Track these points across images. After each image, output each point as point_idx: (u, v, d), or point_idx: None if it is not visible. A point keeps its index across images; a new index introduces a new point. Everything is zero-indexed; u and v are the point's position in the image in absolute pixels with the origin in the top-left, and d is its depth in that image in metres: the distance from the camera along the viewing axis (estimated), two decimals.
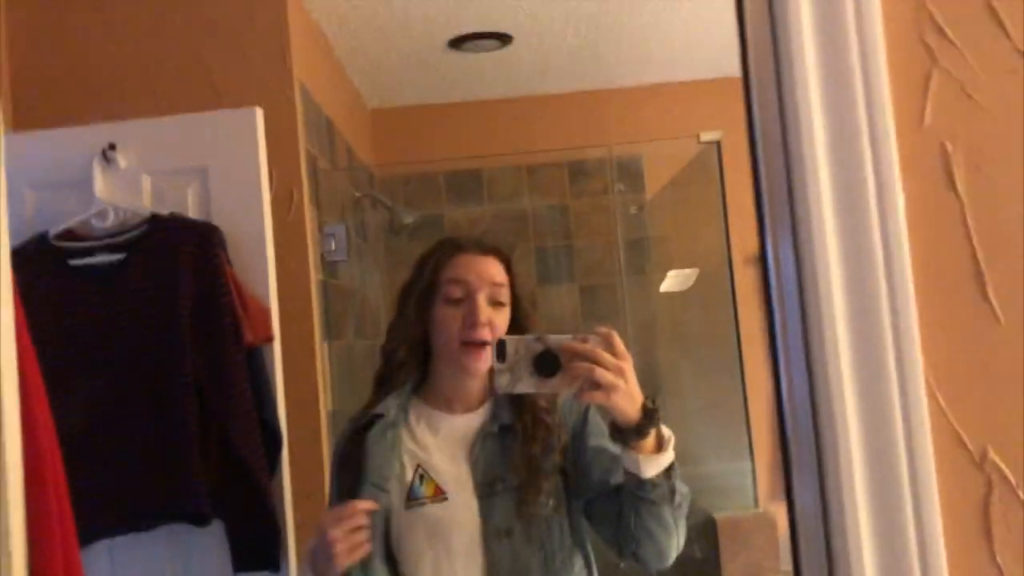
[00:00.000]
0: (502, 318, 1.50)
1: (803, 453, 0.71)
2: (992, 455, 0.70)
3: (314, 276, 2.29)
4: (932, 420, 0.68)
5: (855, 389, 0.68)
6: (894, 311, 0.67)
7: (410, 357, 1.53)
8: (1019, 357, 0.70)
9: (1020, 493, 0.69)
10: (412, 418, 1.53)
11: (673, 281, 3.20)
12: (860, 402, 0.68)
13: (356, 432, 1.52)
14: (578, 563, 1.52)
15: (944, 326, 0.69)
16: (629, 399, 1.29)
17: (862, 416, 0.68)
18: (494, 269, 1.52)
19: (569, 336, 1.30)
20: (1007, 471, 0.70)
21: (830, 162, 0.69)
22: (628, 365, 1.29)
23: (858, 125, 0.69)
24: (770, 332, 0.75)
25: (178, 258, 1.83)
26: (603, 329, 1.29)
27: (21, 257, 1.83)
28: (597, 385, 1.26)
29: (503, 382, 1.31)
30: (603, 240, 3.41)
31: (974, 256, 0.70)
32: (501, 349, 1.30)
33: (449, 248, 1.53)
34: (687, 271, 3.17)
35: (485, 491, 1.47)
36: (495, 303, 1.50)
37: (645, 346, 3.29)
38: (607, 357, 1.27)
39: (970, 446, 0.69)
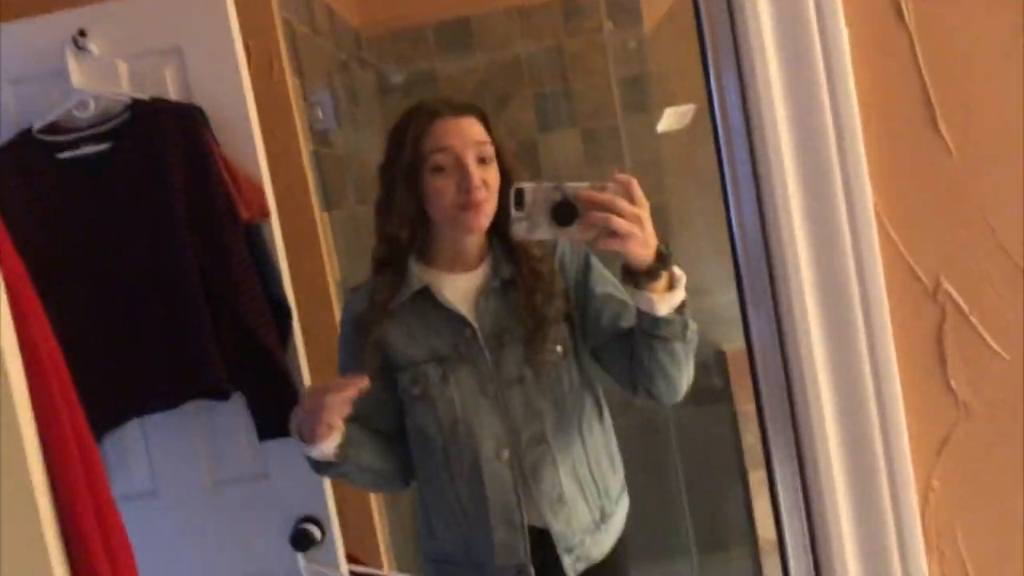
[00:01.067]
0: (492, 175, 1.52)
1: (757, 290, 0.72)
2: (945, 284, 0.70)
3: (305, 147, 2.27)
4: (884, 253, 0.68)
5: (806, 226, 0.68)
6: (842, 149, 0.66)
7: (409, 233, 1.55)
8: (970, 188, 0.69)
9: (973, 319, 0.70)
10: (419, 285, 1.57)
11: (671, 119, 3.15)
12: (812, 239, 0.68)
13: (371, 306, 1.57)
14: (588, 403, 1.60)
15: (894, 161, 0.68)
16: (644, 245, 1.31)
17: (814, 252, 0.69)
18: (475, 129, 1.51)
19: (587, 184, 1.30)
20: (959, 299, 0.71)
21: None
22: (645, 212, 1.30)
23: None
24: (720, 173, 0.74)
25: (164, 142, 1.81)
26: (622, 176, 1.30)
27: (9, 154, 1.84)
28: (613, 233, 1.28)
29: (520, 229, 1.32)
30: (602, 80, 3.33)
31: (924, 89, 0.69)
32: (519, 197, 1.31)
33: (424, 117, 1.52)
34: (684, 108, 3.10)
35: (494, 343, 1.53)
36: (482, 161, 1.50)
37: (651, 184, 3.27)
38: (624, 205, 1.28)
39: (923, 277, 0.70)
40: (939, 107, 0.70)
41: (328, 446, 1.47)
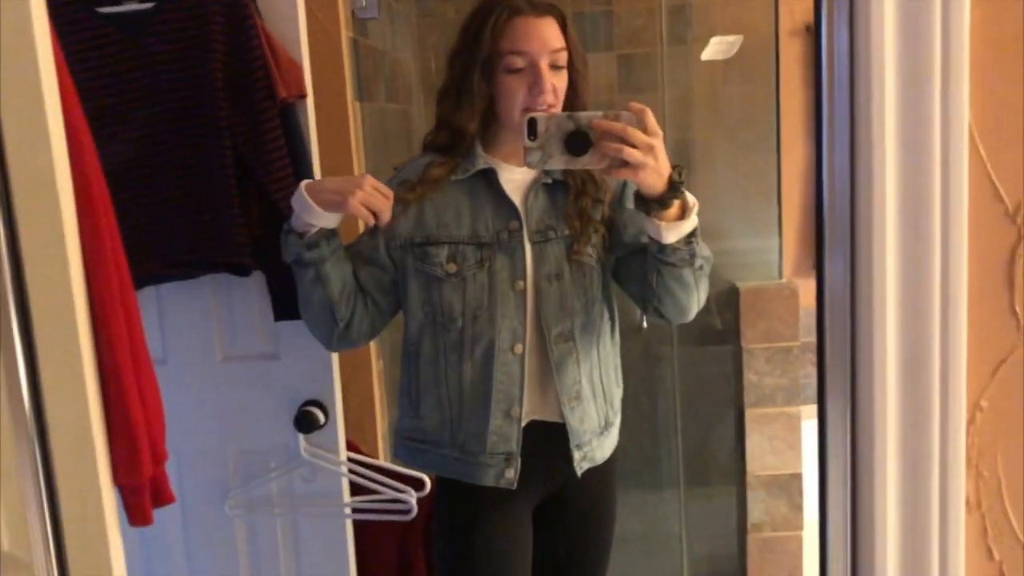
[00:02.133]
0: (562, 81, 1.54)
1: (837, 226, 0.72)
2: None
3: (345, 33, 2.24)
4: (971, 172, 0.68)
5: (897, 152, 0.67)
6: (945, 69, 0.65)
7: (476, 123, 1.57)
8: None
9: None
10: (485, 165, 1.58)
11: (716, 48, 3.10)
12: (901, 164, 0.68)
13: (425, 174, 1.58)
14: (606, 314, 1.64)
15: (994, 83, 0.67)
16: (657, 175, 1.34)
17: (902, 175, 0.68)
18: (552, 33, 1.52)
19: (600, 113, 1.31)
20: None
21: None
22: (658, 142, 1.32)
23: None
24: (817, 104, 0.74)
25: (208, 9, 1.78)
26: (636, 105, 1.32)
27: (48, 5, 1.81)
28: (625, 163, 1.30)
29: (534, 159, 1.34)
30: (644, 5, 3.26)
31: None
32: (532, 126, 1.33)
33: (504, 11, 1.51)
34: (731, 38, 3.05)
35: (538, 238, 1.56)
36: (555, 67, 1.50)
37: (682, 119, 3.24)
38: (637, 135, 1.30)
39: (1005, 199, 0.70)
40: None
41: (328, 219, 1.52)
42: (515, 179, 1.61)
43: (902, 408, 0.70)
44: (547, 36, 1.51)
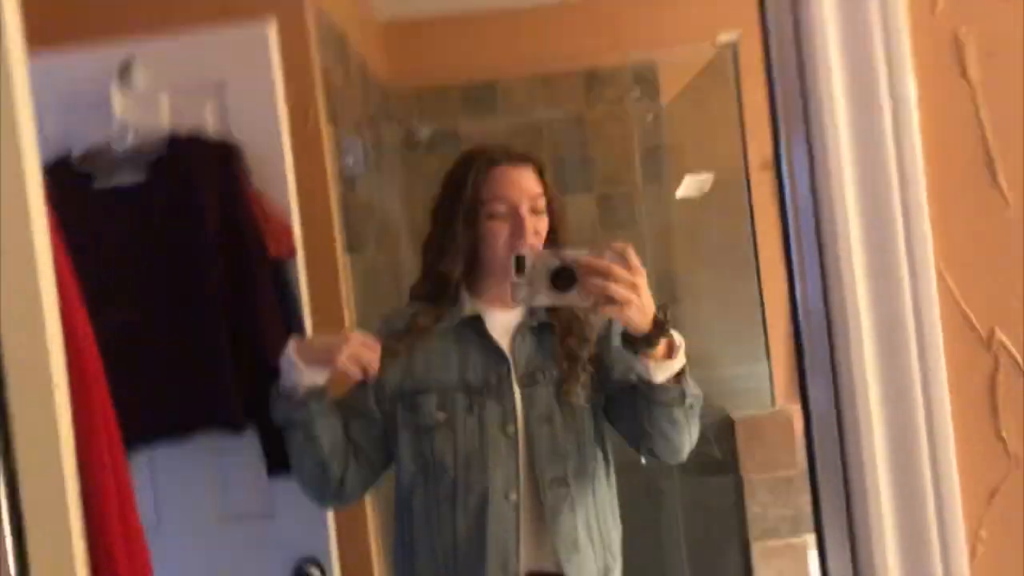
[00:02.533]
0: (542, 224, 1.58)
1: (817, 354, 0.74)
2: (999, 335, 0.72)
3: (333, 190, 2.31)
4: (942, 303, 0.70)
5: (868, 284, 0.70)
6: (905, 201, 0.69)
7: (461, 269, 1.61)
8: None
9: None
10: (471, 312, 1.61)
11: (689, 186, 3.21)
12: (872, 295, 0.70)
13: (411, 325, 1.59)
14: (600, 455, 1.62)
15: (955, 212, 0.71)
16: (641, 312, 1.36)
17: (874, 306, 0.70)
18: (530, 180, 1.58)
19: (586, 251, 1.34)
20: (1014, 350, 0.72)
21: (843, 55, 0.70)
22: (641, 279, 1.35)
23: (870, 17, 0.70)
24: (784, 236, 0.77)
25: (200, 176, 1.85)
26: (618, 244, 1.36)
27: (46, 180, 1.87)
28: (611, 299, 1.32)
29: (522, 295, 1.37)
30: (619, 149, 3.40)
31: (985, 142, 0.72)
32: (520, 263, 1.36)
33: (483, 163, 1.57)
34: (703, 176, 3.17)
35: (527, 381, 1.56)
36: (534, 211, 1.55)
37: (663, 253, 3.32)
38: (621, 272, 1.33)
39: (978, 327, 0.72)
40: (999, 160, 0.73)
41: (316, 377, 1.52)
42: (501, 323, 1.62)
43: (901, 541, 0.70)
44: (525, 183, 1.57)
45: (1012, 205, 0.73)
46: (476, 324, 1.60)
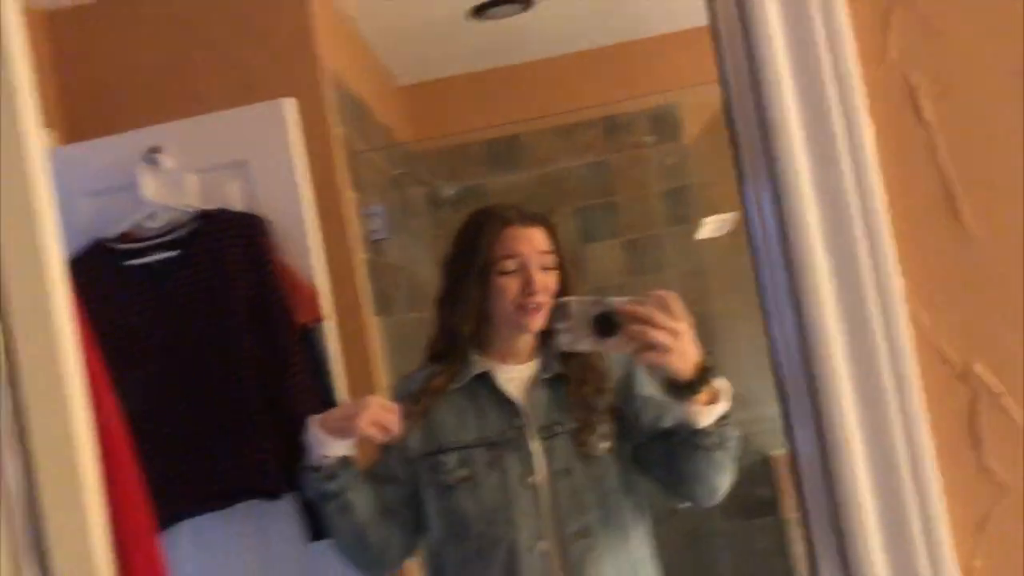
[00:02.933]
0: (552, 280, 1.62)
1: (799, 401, 0.76)
2: (975, 368, 0.73)
3: (359, 256, 2.37)
4: (916, 340, 0.72)
5: (842, 328, 0.72)
6: (872, 245, 0.71)
7: (472, 326, 1.63)
8: (995, 272, 0.73)
9: (1004, 401, 0.73)
10: (479, 369, 1.63)
11: (711, 227, 3.22)
12: (847, 339, 0.72)
13: (426, 387, 1.62)
14: (631, 503, 1.61)
15: (922, 251, 0.73)
16: (683, 359, 1.37)
17: (849, 347, 0.72)
18: (541, 238, 1.62)
19: (628, 299, 1.36)
20: (990, 382, 0.73)
21: (800, 109, 0.72)
22: (684, 326, 1.36)
23: (821, 66, 0.72)
24: (759, 288, 0.79)
25: (228, 251, 1.92)
26: (661, 292, 1.37)
27: (82, 263, 1.95)
28: (652, 346, 1.34)
29: (565, 340, 1.40)
30: (644, 192, 3.43)
31: (945, 180, 0.74)
32: (565, 310, 1.40)
33: (496, 223, 1.62)
34: (725, 216, 3.17)
35: (545, 434, 1.58)
36: (544, 268, 1.59)
37: (695, 294, 3.32)
38: (663, 319, 1.35)
39: (954, 361, 0.73)
40: (960, 197, 0.74)
41: (341, 447, 1.54)
42: (515, 377, 1.65)
43: None
44: (535, 241, 1.61)
45: (977, 238, 0.74)
46: (487, 380, 1.63)
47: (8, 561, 0.88)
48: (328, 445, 1.55)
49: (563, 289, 1.63)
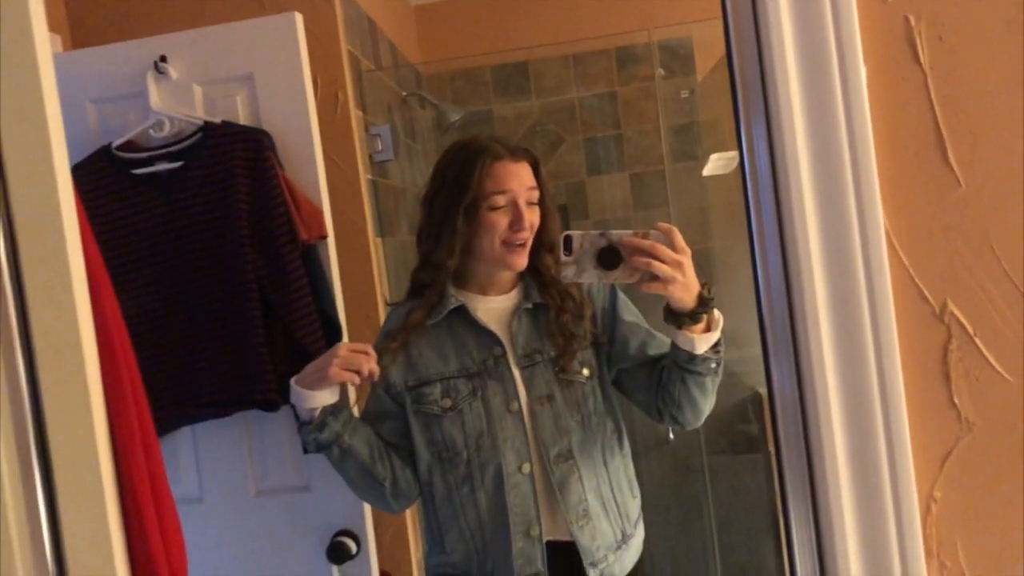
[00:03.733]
0: (535, 216, 1.64)
1: (779, 336, 0.78)
2: (951, 307, 0.75)
3: (363, 175, 2.38)
4: (895, 278, 0.74)
5: (823, 262, 0.73)
6: (857, 181, 0.72)
7: (456, 260, 1.65)
8: (977, 217, 0.75)
9: (977, 340, 0.75)
10: (456, 303, 1.64)
11: (716, 164, 3.21)
12: (828, 273, 0.74)
13: (406, 322, 1.65)
14: (609, 427, 1.67)
15: (907, 192, 0.74)
16: (685, 290, 1.42)
17: (830, 283, 0.74)
18: (528, 174, 1.64)
19: (631, 232, 1.39)
20: (965, 321, 0.75)
21: (797, 44, 0.73)
22: (686, 259, 1.40)
23: (822, 4, 0.73)
24: (748, 223, 0.81)
25: (232, 163, 1.92)
26: (664, 225, 1.41)
27: (88, 168, 1.97)
28: (655, 277, 1.37)
29: (569, 273, 1.42)
30: (653, 127, 3.40)
31: (936, 124, 0.74)
32: (568, 243, 1.42)
33: (486, 157, 1.62)
34: (730, 154, 3.16)
35: (525, 362, 1.62)
36: (530, 204, 1.60)
37: (696, 230, 3.32)
38: (666, 251, 1.39)
39: (931, 299, 0.75)
40: (949, 141, 0.75)
41: (319, 398, 1.58)
42: (494, 308, 1.68)
43: (858, 506, 0.73)
44: (524, 177, 1.63)
45: (964, 185, 0.76)
46: (464, 313, 1.66)
47: (14, 461, 0.92)
48: (309, 399, 1.58)
49: (543, 226, 1.65)
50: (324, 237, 2.02)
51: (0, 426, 0.92)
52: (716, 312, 1.51)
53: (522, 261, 1.63)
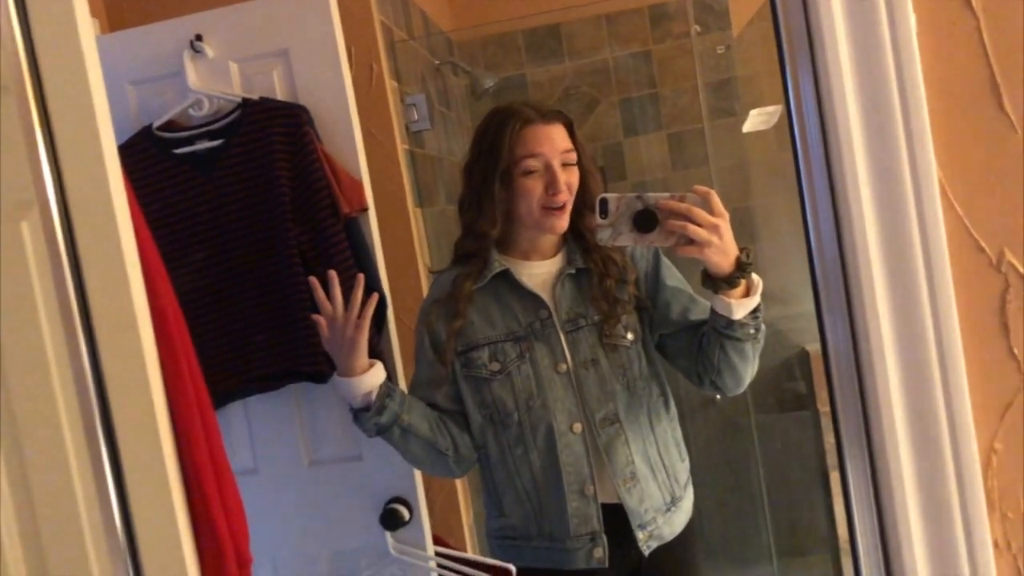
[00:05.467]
0: (573, 177, 1.62)
1: (832, 291, 0.77)
2: (1008, 256, 0.74)
3: (400, 146, 2.38)
4: (950, 229, 0.72)
5: (876, 216, 0.72)
6: (909, 131, 0.71)
7: (497, 229, 1.66)
8: None
9: None
10: (500, 268, 1.65)
11: (756, 120, 3.16)
12: (881, 225, 0.73)
13: (454, 290, 1.66)
14: (655, 391, 1.68)
15: (961, 140, 0.72)
16: (722, 254, 1.40)
17: (883, 236, 0.73)
18: (561, 135, 1.62)
19: (667, 195, 1.38)
20: (1023, 270, 0.74)
21: None
22: (723, 222, 1.39)
23: None
24: (798, 177, 0.80)
25: (272, 139, 1.94)
26: (701, 188, 1.40)
27: (131, 150, 1.99)
28: (691, 241, 1.36)
29: (604, 236, 1.42)
30: (689, 84, 3.36)
31: (990, 69, 0.73)
32: (604, 206, 1.41)
33: (516, 122, 1.61)
34: (770, 109, 3.11)
35: (569, 327, 1.62)
36: (565, 166, 1.59)
37: (736, 188, 3.29)
38: (702, 215, 1.37)
39: (987, 249, 0.74)
40: (1004, 87, 0.73)
41: (367, 380, 1.60)
42: (538, 273, 1.69)
43: (918, 460, 0.73)
44: (557, 139, 1.62)
45: (1020, 130, 0.74)
46: (509, 277, 1.66)
47: (80, 435, 0.95)
48: (358, 384, 1.60)
49: (583, 187, 1.64)
50: (365, 209, 2.03)
51: (65, 406, 0.94)
52: (755, 277, 1.49)
53: (561, 224, 1.63)
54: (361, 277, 1.68)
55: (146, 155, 1.98)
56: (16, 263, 0.91)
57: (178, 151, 1.97)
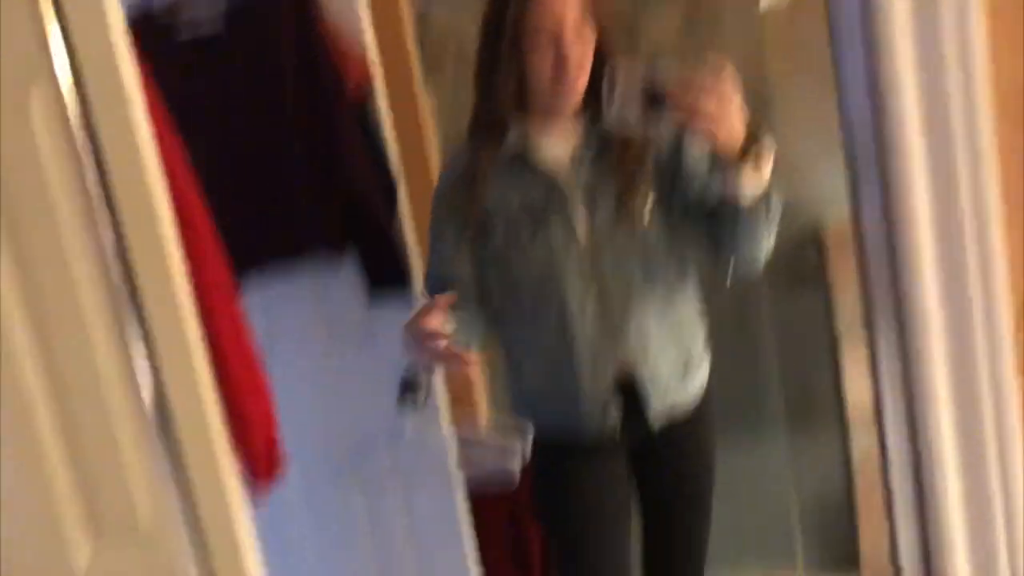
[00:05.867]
0: (589, 51, 1.56)
1: (865, 164, 0.74)
2: None
3: (407, 11, 2.31)
4: (995, 100, 0.70)
5: (917, 94, 0.70)
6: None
7: (509, 104, 1.61)
8: None
9: None
10: (516, 149, 1.63)
11: None
12: (922, 106, 0.70)
13: (470, 167, 1.63)
14: (675, 264, 1.67)
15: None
16: (733, 129, 1.35)
17: (925, 116, 0.70)
18: (572, 7, 1.53)
19: (679, 70, 1.34)
20: None
21: None
22: (736, 97, 1.34)
23: None
24: (834, 54, 0.76)
25: (275, 16, 1.89)
26: (713, 63, 1.34)
27: (135, 33, 1.92)
28: (701, 113, 1.33)
29: (613, 112, 1.38)
30: None
31: None
32: (612, 81, 1.37)
33: None
34: None
35: (588, 202, 1.62)
36: (579, 37, 1.53)
37: (751, 66, 3.19)
38: (714, 89, 1.33)
39: None
40: None
41: (452, 363, 1.58)
42: (555, 147, 1.64)
43: (949, 329, 0.73)
44: (563, 11, 1.53)
45: None
46: (525, 154, 1.63)
47: (108, 311, 0.95)
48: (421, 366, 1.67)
49: (598, 57, 1.57)
50: (371, 83, 1.98)
51: (87, 281, 0.94)
52: (766, 152, 1.46)
53: (572, 99, 1.58)
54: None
55: (146, 39, 1.88)
56: (25, 134, 0.90)
57: (182, 36, 1.91)
